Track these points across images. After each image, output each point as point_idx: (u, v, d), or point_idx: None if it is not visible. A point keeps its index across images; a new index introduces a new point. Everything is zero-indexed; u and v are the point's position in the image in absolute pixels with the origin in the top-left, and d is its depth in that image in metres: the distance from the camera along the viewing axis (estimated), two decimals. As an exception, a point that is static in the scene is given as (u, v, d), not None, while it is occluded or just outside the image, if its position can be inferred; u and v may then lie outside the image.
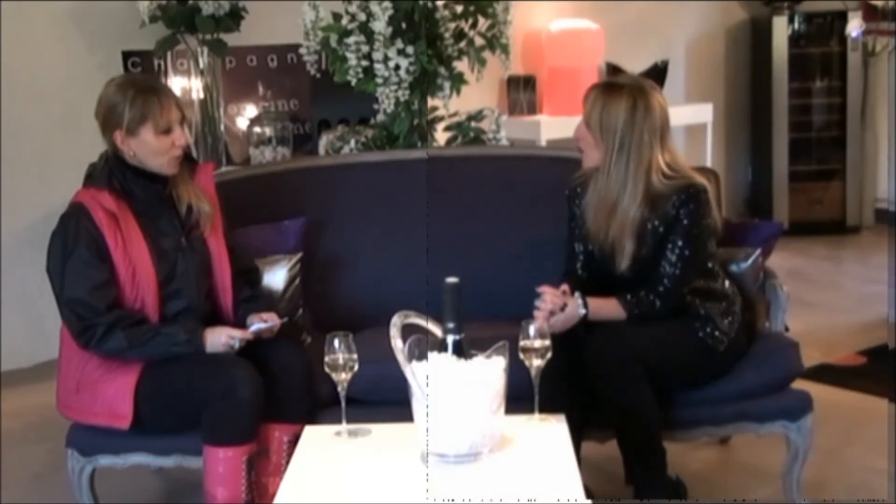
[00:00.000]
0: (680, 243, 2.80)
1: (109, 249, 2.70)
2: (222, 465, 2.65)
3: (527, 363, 2.43)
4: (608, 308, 2.82)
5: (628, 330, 2.79)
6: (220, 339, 2.72)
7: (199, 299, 2.83)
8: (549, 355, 2.46)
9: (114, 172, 2.75)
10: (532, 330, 2.45)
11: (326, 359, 2.42)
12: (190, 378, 2.69)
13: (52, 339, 4.55)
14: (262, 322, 2.82)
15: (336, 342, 2.42)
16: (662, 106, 2.83)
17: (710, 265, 2.91)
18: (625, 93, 2.80)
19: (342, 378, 2.42)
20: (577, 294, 2.81)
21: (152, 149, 2.73)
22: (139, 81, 2.84)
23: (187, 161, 2.90)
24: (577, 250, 2.99)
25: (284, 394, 2.75)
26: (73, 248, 2.69)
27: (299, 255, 3.21)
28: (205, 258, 2.87)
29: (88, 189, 2.76)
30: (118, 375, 2.72)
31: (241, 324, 2.87)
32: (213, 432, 2.66)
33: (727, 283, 2.94)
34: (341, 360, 2.42)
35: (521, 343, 2.43)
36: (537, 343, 2.44)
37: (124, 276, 2.72)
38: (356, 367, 2.43)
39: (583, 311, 2.79)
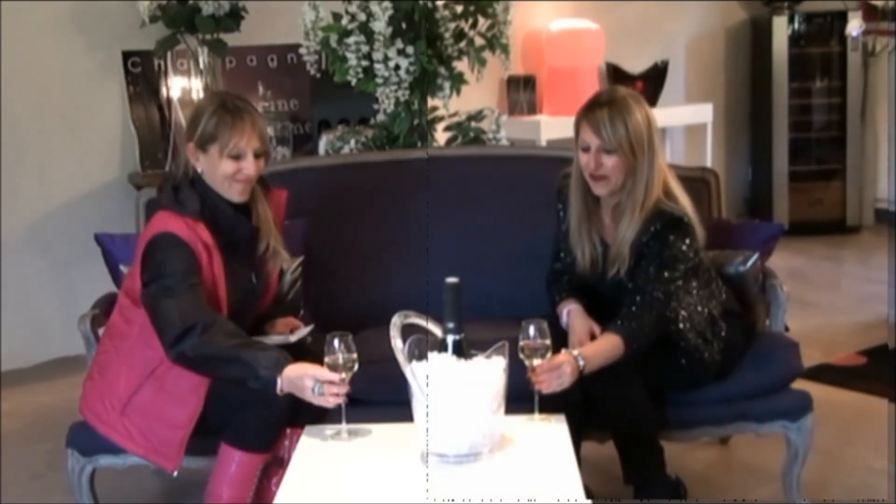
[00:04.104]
0: (657, 271, 2.75)
1: (204, 279, 2.62)
2: (236, 466, 2.61)
3: (526, 363, 2.43)
4: (604, 351, 2.67)
5: None
6: (303, 383, 2.44)
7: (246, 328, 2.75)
8: (549, 355, 2.46)
9: (205, 201, 2.65)
10: (532, 330, 2.45)
11: (326, 359, 2.41)
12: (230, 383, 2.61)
13: (52, 339, 4.61)
14: (289, 330, 2.78)
15: (336, 342, 2.41)
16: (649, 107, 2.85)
17: (690, 287, 2.84)
18: (631, 102, 2.77)
19: (330, 379, 2.41)
20: (574, 352, 2.62)
21: (216, 170, 2.64)
22: (228, 100, 2.69)
23: (261, 185, 2.77)
24: (562, 250, 2.98)
25: (300, 398, 2.71)
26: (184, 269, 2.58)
27: (301, 258, 3.21)
28: (264, 291, 2.83)
29: (182, 217, 2.62)
30: (173, 413, 2.61)
31: (259, 331, 2.83)
32: (239, 435, 2.60)
33: (707, 301, 2.87)
34: (341, 360, 2.41)
35: (521, 343, 2.43)
36: (537, 343, 2.44)
37: None
38: (356, 368, 2.42)
39: (582, 363, 2.58)
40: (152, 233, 2.63)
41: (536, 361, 2.44)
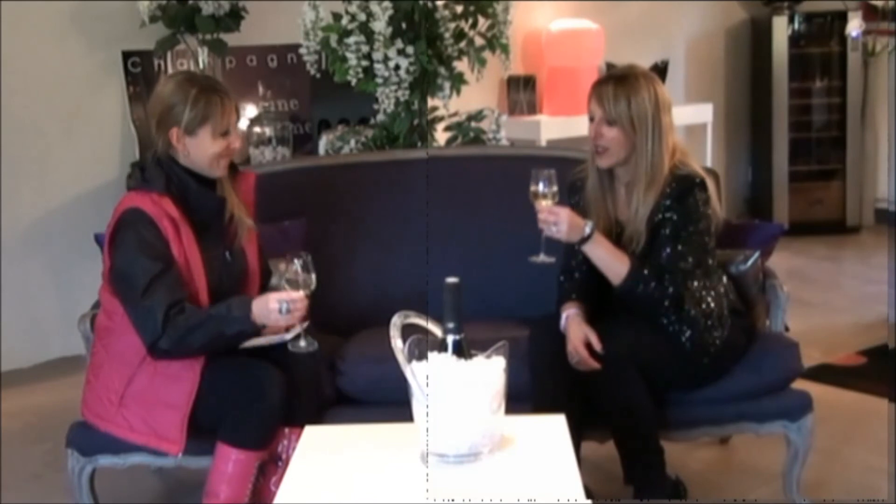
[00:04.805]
0: (677, 235, 2.79)
1: (174, 256, 2.65)
2: (233, 465, 2.62)
3: (535, 205, 2.69)
4: (613, 255, 2.79)
5: (620, 331, 2.79)
6: (268, 306, 2.58)
7: None
8: (556, 199, 2.70)
9: (171, 178, 2.68)
10: (542, 183, 2.70)
11: (287, 275, 2.52)
12: (223, 379, 2.64)
13: (52, 339, 4.60)
14: (284, 331, 2.79)
15: (295, 261, 2.52)
16: (665, 90, 2.89)
17: (709, 261, 2.88)
18: (641, 80, 2.83)
19: (294, 297, 2.54)
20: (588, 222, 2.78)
21: (208, 150, 2.67)
22: (201, 80, 2.73)
23: (230, 168, 2.82)
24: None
25: (297, 397, 2.71)
26: (148, 250, 2.62)
27: (300, 258, 3.21)
28: (243, 270, 2.84)
29: (148, 193, 2.66)
30: (171, 395, 2.64)
31: None
32: (235, 433, 2.62)
33: (720, 286, 2.90)
34: (301, 279, 2.52)
35: (532, 189, 2.69)
36: (546, 190, 2.70)
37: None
38: (314, 286, 2.54)
39: (589, 230, 2.76)
40: (119, 212, 2.67)
41: (545, 202, 2.69)
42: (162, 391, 2.65)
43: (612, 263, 2.78)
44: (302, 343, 2.64)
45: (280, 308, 2.56)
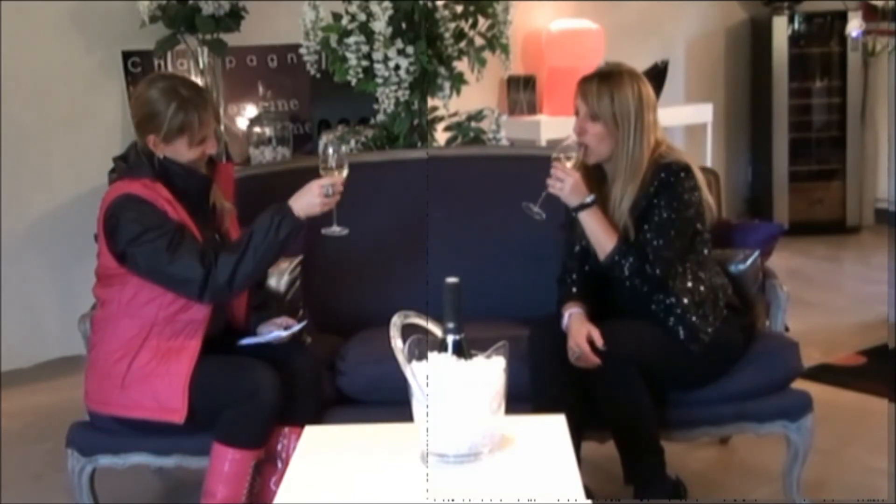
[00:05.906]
0: (662, 222, 2.79)
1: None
2: (229, 464, 2.64)
3: (557, 164, 2.79)
4: (605, 230, 2.81)
5: (619, 331, 2.79)
6: (312, 193, 2.68)
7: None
8: (574, 166, 2.79)
9: (155, 166, 2.72)
10: (568, 144, 2.82)
11: (321, 164, 2.67)
12: (218, 378, 2.66)
13: (52, 339, 4.61)
14: (283, 328, 2.82)
15: (330, 150, 2.71)
16: (650, 88, 2.90)
17: (701, 249, 2.88)
18: (626, 78, 2.85)
19: (335, 180, 2.70)
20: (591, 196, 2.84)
21: (183, 157, 2.72)
22: (183, 91, 2.71)
23: (208, 161, 2.87)
24: (576, 249, 2.98)
25: (297, 396, 2.72)
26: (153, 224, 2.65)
27: (300, 258, 3.21)
28: None
29: (138, 180, 2.70)
30: (171, 367, 2.66)
31: (252, 331, 2.87)
32: (230, 432, 2.64)
33: (715, 276, 2.91)
34: (334, 164, 2.69)
35: (554, 154, 2.80)
36: (570, 154, 2.81)
37: None
38: (346, 172, 2.70)
39: (589, 200, 2.81)
40: (108, 201, 2.69)
41: (568, 164, 2.80)
42: (163, 365, 2.67)
43: (602, 237, 2.82)
44: (336, 228, 2.80)
45: (326, 192, 2.68)
